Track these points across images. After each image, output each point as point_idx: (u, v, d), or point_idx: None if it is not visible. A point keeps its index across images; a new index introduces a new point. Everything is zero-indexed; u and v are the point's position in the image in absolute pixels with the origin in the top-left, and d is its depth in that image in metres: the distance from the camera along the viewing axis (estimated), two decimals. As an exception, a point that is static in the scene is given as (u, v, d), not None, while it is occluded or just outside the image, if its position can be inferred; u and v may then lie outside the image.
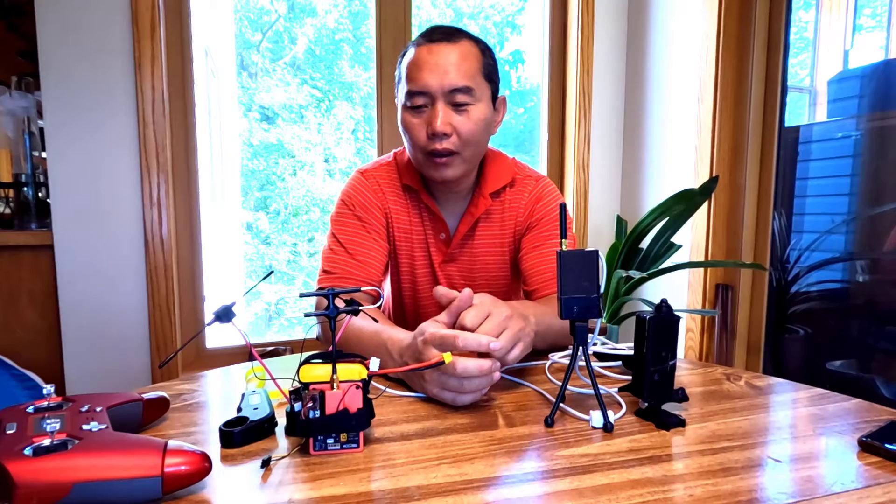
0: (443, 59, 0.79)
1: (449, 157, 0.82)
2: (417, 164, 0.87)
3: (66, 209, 1.34)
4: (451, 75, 0.79)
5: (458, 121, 0.81)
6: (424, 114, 0.81)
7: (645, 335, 0.52)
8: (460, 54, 0.80)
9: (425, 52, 0.80)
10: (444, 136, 0.80)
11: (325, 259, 0.88)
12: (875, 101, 1.38)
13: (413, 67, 0.81)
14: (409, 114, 0.82)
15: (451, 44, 0.80)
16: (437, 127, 0.79)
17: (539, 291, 0.88)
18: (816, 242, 1.51)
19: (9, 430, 0.39)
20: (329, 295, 0.47)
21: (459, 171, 0.84)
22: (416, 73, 0.80)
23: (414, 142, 0.83)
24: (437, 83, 0.79)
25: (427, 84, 0.79)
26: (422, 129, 0.81)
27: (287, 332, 2.64)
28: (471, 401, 0.56)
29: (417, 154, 0.84)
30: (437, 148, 0.80)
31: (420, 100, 0.80)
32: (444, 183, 0.86)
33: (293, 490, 0.40)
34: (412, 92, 0.80)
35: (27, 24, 1.39)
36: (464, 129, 0.81)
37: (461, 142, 0.81)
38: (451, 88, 0.79)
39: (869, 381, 1.39)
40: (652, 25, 1.79)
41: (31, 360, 1.30)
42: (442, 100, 0.80)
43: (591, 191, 1.91)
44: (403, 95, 0.82)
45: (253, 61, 2.57)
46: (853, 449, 0.47)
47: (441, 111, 0.79)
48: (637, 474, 0.42)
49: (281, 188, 2.72)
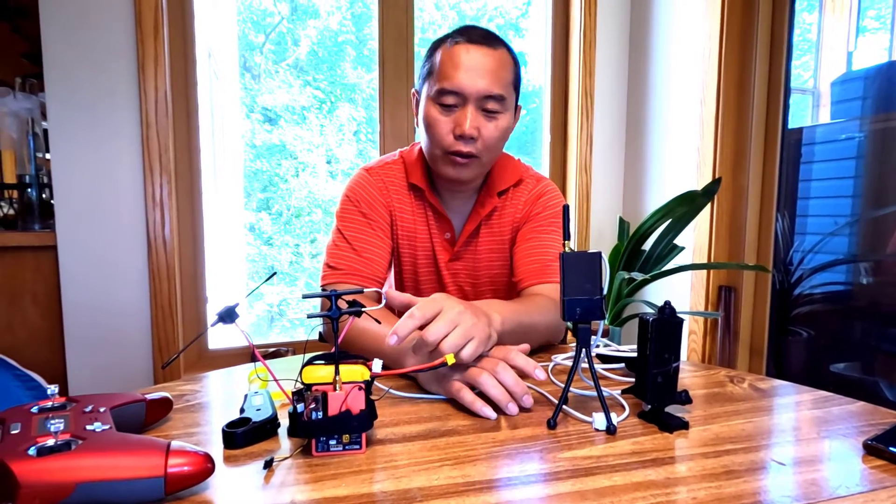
0: (481, 63, 0.79)
1: (469, 160, 0.82)
2: (433, 160, 0.86)
3: (69, 210, 1.34)
4: (487, 81, 0.79)
5: (485, 126, 0.81)
6: (453, 113, 0.81)
7: (648, 337, 0.52)
8: (498, 62, 0.80)
9: (464, 52, 0.79)
10: (471, 139, 0.80)
11: (330, 255, 0.88)
12: (878, 102, 1.37)
13: (449, 65, 0.79)
14: (437, 110, 0.81)
15: (490, 49, 0.80)
16: (466, 130, 0.79)
17: (523, 282, 0.88)
18: (820, 244, 1.50)
19: (13, 430, 0.39)
20: (332, 297, 0.47)
21: (475, 173, 0.85)
22: (453, 72, 0.79)
23: (437, 138, 0.82)
24: (473, 87, 0.78)
25: (462, 85, 0.79)
26: (447, 127, 0.81)
27: (289, 333, 2.64)
28: (469, 357, 0.55)
29: (436, 150, 0.84)
30: (462, 150, 0.80)
31: (451, 99, 0.80)
32: (457, 183, 0.86)
33: (295, 491, 0.40)
34: (445, 90, 0.79)
35: (31, 26, 1.39)
36: (489, 135, 0.81)
37: (484, 147, 0.82)
38: (486, 94, 0.79)
39: (872, 383, 1.39)
40: (654, 27, 1.79)
41: (34, 361, 1.30)
42: (474, 103, 0.79)
43: (593, 192, 1.91)
44: (433, 90, 0.81)
45: (256, 63, 2.58)
46: (858, 452, 0.47)
47: (471, 115, 0.79)
48: (640, 477, 0.42)
49: (283, 189, 2.72)
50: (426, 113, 0.83)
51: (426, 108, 0.83)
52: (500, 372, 0.56)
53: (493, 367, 0.57)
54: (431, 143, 0.84)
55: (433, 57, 0.83)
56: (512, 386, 0.55)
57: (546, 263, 0.88)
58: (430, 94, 0.82)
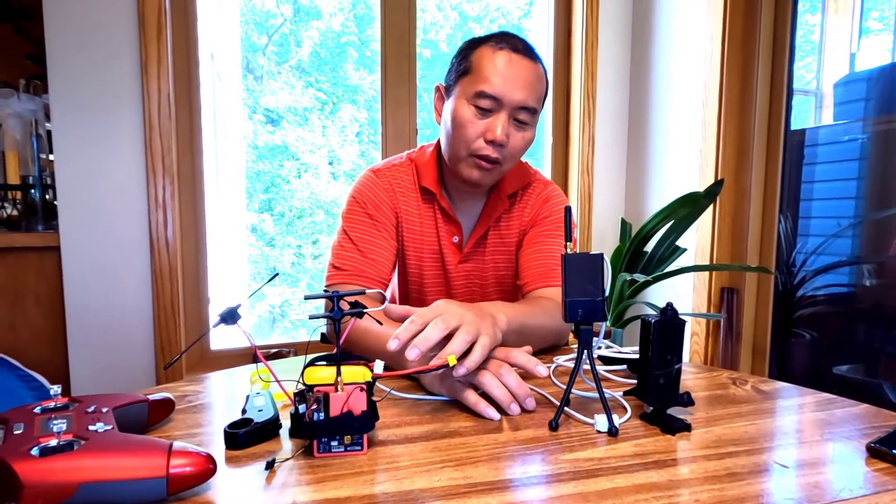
0: (523, 74, 0.80)
1: (493, 166, 0.83)
2: (455, 159, 0.85)
3: (72, 211, 1.35)
4: (526, 93, 0.80)
5: (514, 136, 0.82)
6: (486, 117, 0.81)
7: (650, 339, 0.52)
8: (537, 76, 0.81)
9: (507, 60, 0.80)
10: (500, 146, 0.81)
11: (336, 255, 0.88)
12: (882, 104, 1.37)
13: (492, 69, 0.79)
14: (472, 111, 0.81)
15: (532, 62, 0.81)
16: (497, 136, 0.79)
17: (527, 286, 0.88)
18: (822, 246, 1.50)
19: (16, 430, 0.39)
20: (334, 298, 0.47)
21: (495, 178, 0.86)
22: (494, 77, 0.79)
23: (466, 139, 0.82)
24: (513, 96, 0.79)
25: (503, 92, 0.79)
26: (478, 129, 0.81)
27: (291, 334, 2.65)
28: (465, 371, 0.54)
29: (461, 150, 0.83)
30: (490, 155, 0.81)
31: (488, 103, 0.80)
32: (474, 186, 0.86)
33: (297, 492, 0.40)
34: (484, 93, 0.79)
35: (35, 28, 1.40)
36: (516, 144, 0.82)
37: (509, 155, 0.83)
38: (522, 105, 0.80)
39: (876, 385, 1.38)
40: (656, 28, 1.79)
41: (37, 361, 1.30)
42: (508, 111, 0.80)
43: (595, 194, 1.91)
44: (471, 91, 0.81)
45: (258, 64, 2.59)
46: (861, 455, 0.46)
47: (504, 122, 0.80)
48: (642, 479, 0.42)
49: (285, 190, 2.73)
50: (458, 112, 0.82)
51: (458, 107, 0.82)
52: (503, 374, 0.56)
53: (496, 368, 0.57)
54: (457, 143, 0.83)
55: (471, 57, 0.82)
56: (515, 388, 0.55)
57: (550, 267, 0.88)
58: (467, 94, 0.81)
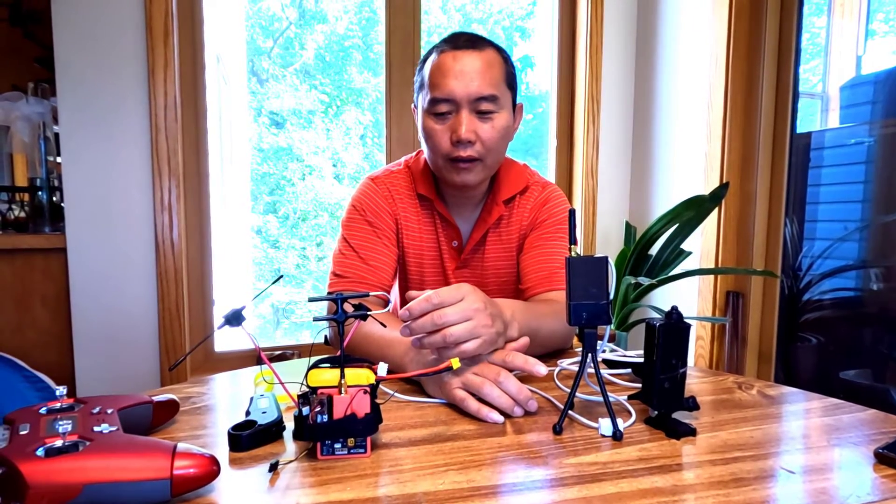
0: (469, 66, 0.79)
1: (472, 164, 0.82)
2: (437, 169, 0.86)
3: (79, 213, 1.36)
4: (477, 83, 0.79)
5: (482, 128, 0.81)
6: (448, 120, 0.81)
7: (655, 342, 0.52)
8: (486, 62, 0.80)
9: (450, 59, 0.80)
10: (469, 143, 0.80)
11: (337, 263, 0.88)
12: (888, 106, 1.36)
13: (438, 74, 0.80)
14: (433, 120, 0.82)
15: (476, 51, 0.80)
16: (462, 135, 0.79)
17: (531, 290, 0.88)
18: (829, 250, 1.49)
19: (21, 430, 0.39)
20: (338, 300, 0.47)
21: (480, 176, 0.85)
22: (441, 80, 0.79)
23: (437, 148, 0.83)
24: (463, 91, 0.79)
25: (452, 91, 0.79)
26: (445, 135, 0.81)
27: (295, 336, 2.65)
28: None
29: (438, 160, 0.84)
30: (462, 155, 0.81)
31: (444, 107, 0.80)
32: (463, 188, 0.86)
33: (300, 494, 0.40)
34: (436, 99, 0.80)
35: (44, 32, 1.42)
36: (488, 136, 0.81)
37: (484, 149, 0.82)
38: (478, 97, 0.79)
39: (883, 391, 1.37)
40: (661, 30, 1.78)
41: (43, 362, 1.31)
42: (467, 107, 0.80)
43: (599, 197, 1.90)
44: (426, 102, 0.82)
45: (264, 67, 2.60)
46: (869, 461, 0.46)
47: (466, 119, 0.79)
48: (646, 483, 0.42)
49: (290, 192, 2.74)
50: (424, 125, 0.84)
51: (423, 120, 0.84)
52: (502, 381, 0.56)
53: (495, 376, 0.56)
54: (433, 153, 0.85)
55: (423, 70, 0.84)
56: (515, 394, 0.55)
57: (553, 271, 0.87)
58: (425, 105, 0.83)
